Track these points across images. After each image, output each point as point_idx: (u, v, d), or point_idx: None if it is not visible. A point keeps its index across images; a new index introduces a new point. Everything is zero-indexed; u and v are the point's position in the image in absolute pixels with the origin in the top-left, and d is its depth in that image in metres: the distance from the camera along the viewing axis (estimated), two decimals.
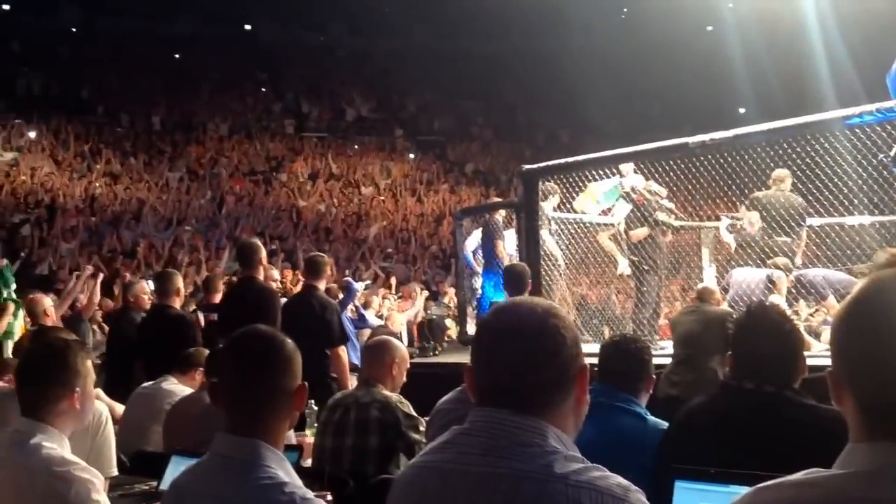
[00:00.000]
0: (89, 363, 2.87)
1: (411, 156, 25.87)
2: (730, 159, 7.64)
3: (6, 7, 27.68)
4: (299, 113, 27.13)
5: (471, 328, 9.87)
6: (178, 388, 5.20)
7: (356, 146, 25.82)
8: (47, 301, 7.70)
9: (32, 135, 21.09)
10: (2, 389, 3.53)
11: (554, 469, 1.59)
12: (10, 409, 3.27)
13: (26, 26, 26.77)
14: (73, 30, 28.32)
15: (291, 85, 28.06)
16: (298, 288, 8.88)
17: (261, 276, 6.79)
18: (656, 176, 8.38)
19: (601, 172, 8.66)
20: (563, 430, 1.68)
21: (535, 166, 8.86)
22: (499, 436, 1.65)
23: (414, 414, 4.41)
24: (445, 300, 13.65)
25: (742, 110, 21.05)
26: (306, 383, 2.17)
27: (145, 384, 5.54)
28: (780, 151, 7.36)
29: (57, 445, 2.70)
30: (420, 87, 28.31)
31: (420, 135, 27.36)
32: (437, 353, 9.91)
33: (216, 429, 2.16)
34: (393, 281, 14.78)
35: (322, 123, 26.96)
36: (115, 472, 3.54)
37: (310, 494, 2.02)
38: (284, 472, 2.04)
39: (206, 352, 5.27)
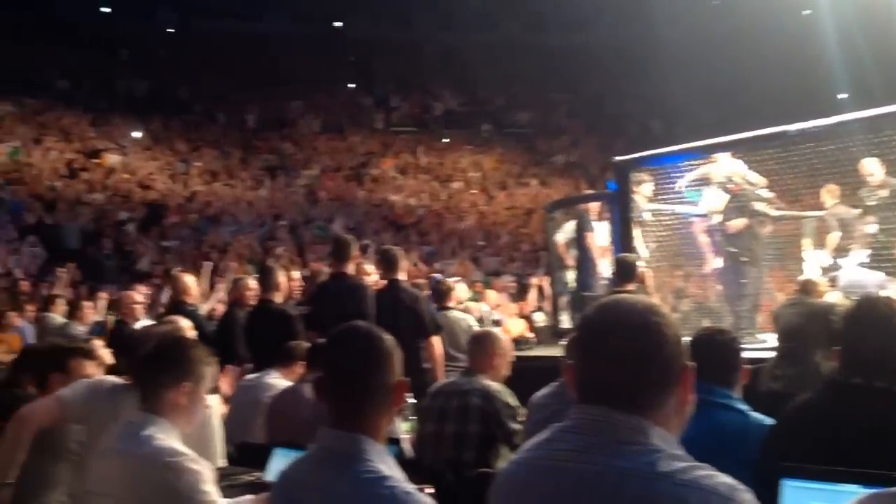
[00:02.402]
0: (206, 366, 2.94)
1: (500, 149, 25.84)
2: (832, 147, 7.42)
3: (107, 10, 28.65)
4: (389, 108, 27.37)
5: (563, 321, 9.82)
6: (279, 381, 5.31)
7: (445, 140, 25.92)
8: (136, 296, 7.96)
9: (135, 135, 21.80)
10: (116, 383, 3.66)
11: (658, 467, 1.58)
12: (123, 402, 3.40)
13: (126, 30, 27.70)
14: (171, 31, 29.16)
15: (381, 81, 28.31)
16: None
17: (353, 271, 6.88)
18: (755, 165, 8.19)
19: (695, 162, 8.51)
20: (666, 428, 1.67)
21: (627, 157, 8.76)
22: (600, 433, 1.65)
23: (515, 403, 4.46)
24: (534, 293, 13.59)
25: (842, 96, 20.38)
26: (407, 379, 2.21)
27: (248, 377, 5.69)
28: (885, 139, 7.12)
29: (168, 437, 2.80)
30: (508, 80, 28.22)
31: (508, 128, 27.30)
32: (529, 345, 9.89)
33: (316, 421, 2.21)
34: (495, 291, 14.68)
35: (411, 118, 27.15)
36: (221, 462, 3.64)
37: (411, 488, 2.05)
38: (386, 465, 2.07)
39: (307, 345, 5.37)
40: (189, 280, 7.52)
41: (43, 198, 16.60)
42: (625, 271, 6.76)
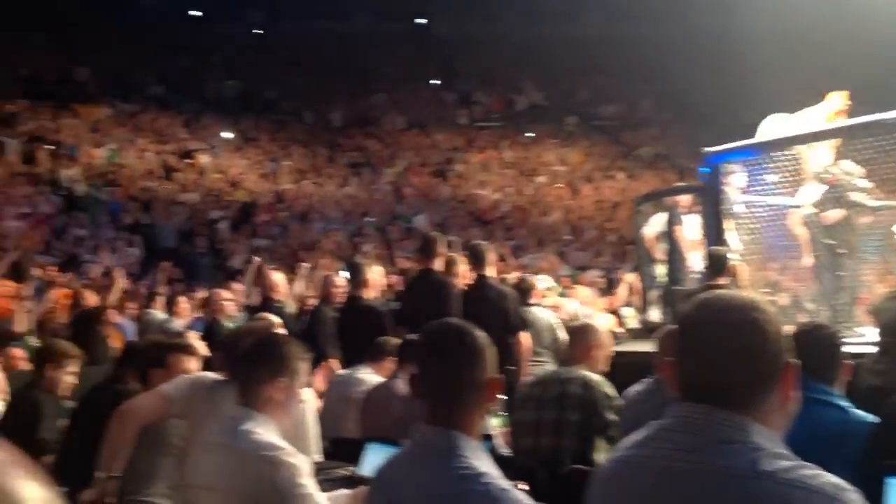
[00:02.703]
0: (300, 362, 3.01)
1: (585, 142, 25.62)
2: None
3: (197, 14, 29.40)
4: (472, 104, 27.40)
5: (653, 315, 9.69)
6: (370, 376, 5.38)
7: (529, 134, 25.82)
8: (227, 294, 8.15)
9: (225, 135, 22.32)
10: (215, 379, 3.76)
11: (760, 466, 1.55)
12: (222, 397, 3.49)
13: (216, 33, 28.40)
14: (259, 33, 29.77)
15: (464, 76, 28.36)
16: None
17: (439, 268, 6.91)
18: (852, 154, 7.93)
19: (790, 153, 8.28)
20: (769, 426, 1.64)
21: (718, 148, 8.58)
22: (702, 432, 1.63)
23: (614, 394, 4.46)
24: (623, 288, 13.44)
25: None
26: (501, 376, 2.22)
27: (340, 372, 5.77)
28: None
29: (266, 431, 2.86)
30: (592, 72, 27.96)
31: (593, 121, 27.05)
32: (619, 341, 9.78)
33: (408, 416, 2.22)
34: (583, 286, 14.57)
35: (495, 113, 27.12)
36: (317, 457, 3.71)
37: (507, 485, 2.05)
38: (481, 462, 2.08)
39: (397, 341, 5.43)
40: (277, 277, 7.67)
41: (139, 198, 17.11)
42: (717, 265, 6.68)
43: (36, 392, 4.86)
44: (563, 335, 7.24)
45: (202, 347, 5.28)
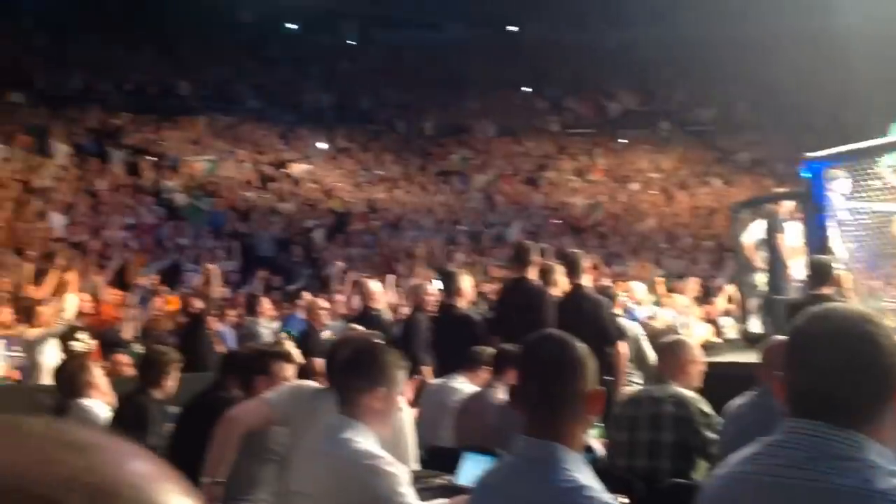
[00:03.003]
0: (399, 371, 3.04)
1: (680, 148, 25.22)
2: None
3: (294, 26, 30.05)
4: (564, 110, 27.26)
5: (753, 325, 9.47)
6: (464, 385, 5.39)
7: (622, 141, 25.56)
8: (323, 302, 8.27)
9: (320, 146, 22.72)
10: (315, 387, 3.83)
11: (875, 485, 1.51)
12: (322, 405, 3.55)
13: (311, 46, 28.98)
14: (352, 45, 30.25)
15: (556, 83, 28.24)
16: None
17: (533, 276, 6.88)
18: None
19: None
20: (883, 443, 1.59)
21: (820, 153, 8.33)
22: (814, 448, 1.59)
23: (710, 412, 4.33)
24: (722, 297, 13.17)
25: None
26: (603, 388, 2.20)
27: (434, 381, 5.80)
28: None
29: (365, 440, 2.90)
30: (686, 76, 27.51)
31: (688, 125, 26.60)
32: (717, 351, 9.58)
33: (503, 425, 2.22)
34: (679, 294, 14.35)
35: (587, 120, 26.94)
36: (415, 466, 3.74)
37: (609, 498, 2.04)
38: (583, 475, 2.07)
39: (492, 350, 5.43)
40: (375, 286, 7.76)
41: (237, 208, 17.54)
42: (820, 274, 6.49)
43: (142, 398, 5.02)
44: (647, 346, 7.12)
45: (298, 355, 5.39)
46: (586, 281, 6.96)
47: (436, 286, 8.07)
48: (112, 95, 22.41)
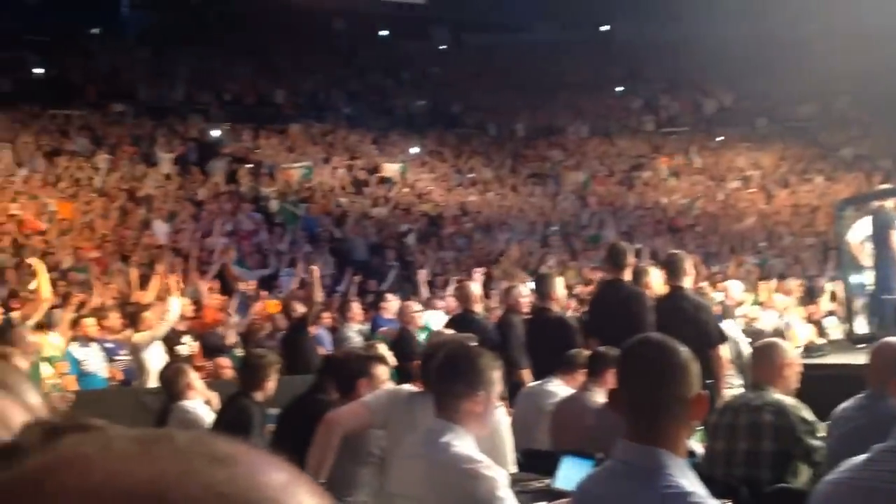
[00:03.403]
0: (496, 373, 3.03)
1: (779, 145, 24.56)
2: None
3: (385, 33, 30.41)
4: (658, 109, 26.89)
5: (859, 326, 9.15)
6: (561, 388, 5.36)
7: (719, 139, 25.04)
8: (416, 305, 8.33)
9: (413, 150, 22.91)
10: (412, 391, 3.85)
11: None
12: (419, 408, 3.57)
13: (403, 51, 29.29)
14: (443, 49, 30.42)
15: (649, 81, 27.87)
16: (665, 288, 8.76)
17: (629, 278, 6.78)
18: None
19: None
20: None
21: None
22: None
23: (811, 418, 4.17)
24: (826, 297, 12.77)
25: None
26: (707, 392, 2.15)
27: (530, 384, 5.78)
28: None
29: (464, 444, 2.90)
30: (784, 71, 26.76)
31: (787, 121, 25.90)
32: (821, 353, 9.28)
33: (600, 429, 2.18)
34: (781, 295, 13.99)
35: (682, 118, 26.51)
36: (513, 469, 3.73)
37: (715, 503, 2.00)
38: (688, 480, 2.03)
39: (588, 353, 5.38)
40: (474, 289, 7.76)
41: (332, 213, 17.80)
42: None
43: (244, 400, 5.13)
44: (746, 349, 6.93)
45: (390, 356, 5.44)
46: (688, 283, 6.80)
47: (528, 289, 8.03)
48: (211, 106, 23.05)
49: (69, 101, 21.38)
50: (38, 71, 23.49)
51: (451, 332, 6.01)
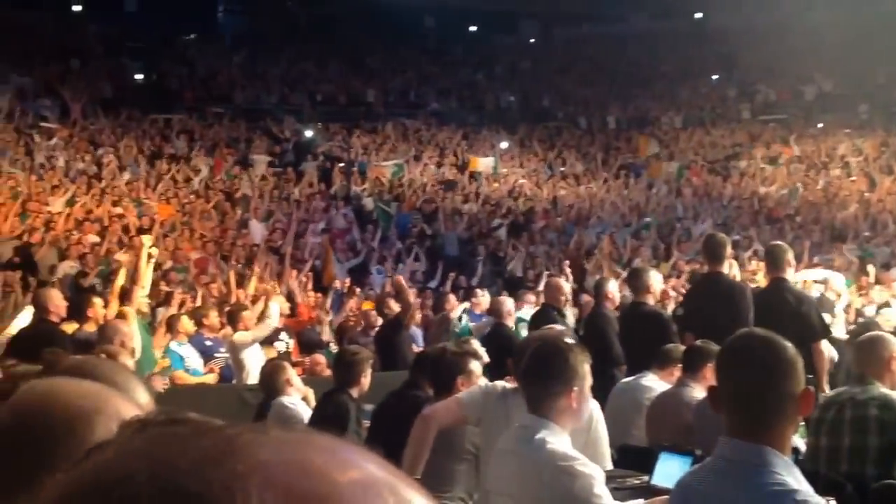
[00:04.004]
0: (587, 366, 3.00)
1: (882, 131, 23.67)
2: None
3: (474, 29, 30.44)
4: (755, 97, 26.25)
5: None
6: (656, 383, 5.27)
7: (819, 126, 24.30)
8: (508, 301, 8.33)
9: (503, 145, 22.87)
10: (505, 387, 3.84)
11: None
12: (512, 405, 3.56)
13: (491, 47, 29.27)
14: (533, 43, 30.28)
15: (745, 69, 27.22)
16: (763, 280, 8.54)
17: (728, 271, 6.62)
18: None
19: None
20: None
21: None
22: None
23: None
24: None
25: None
26: (812, 388, 2.09)
27: (625, 379, 5.71)
28: None
29: (559, 440, 2.87)
30: (886, 55, 25.76)
31: (891, 107, 24.93)
32: None
33: (697, 424, 2.13)
34: (871, 269, 13.56)
35: (780, 105, 25.83)
36: (609, 466, 3.68)
37: (820, 501, 1.95)
38: (794, 478, 2.00)
39: (685, 348, 5.28)
40: (561, 284, 7.71)
41: (423, 210, 17.91)
42: None
43: (341, 396, 5.20)
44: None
45: (482, 352, 5.44)
46: (790, 274, 6.60)
47: (618, 283, 7.94)
48: (304, 107, 23.46)
49: (168, 106, 22.05)
50: (139, 77, 24.29)
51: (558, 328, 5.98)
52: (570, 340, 3.33)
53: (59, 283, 10.47)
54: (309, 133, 21.91)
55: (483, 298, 10.65)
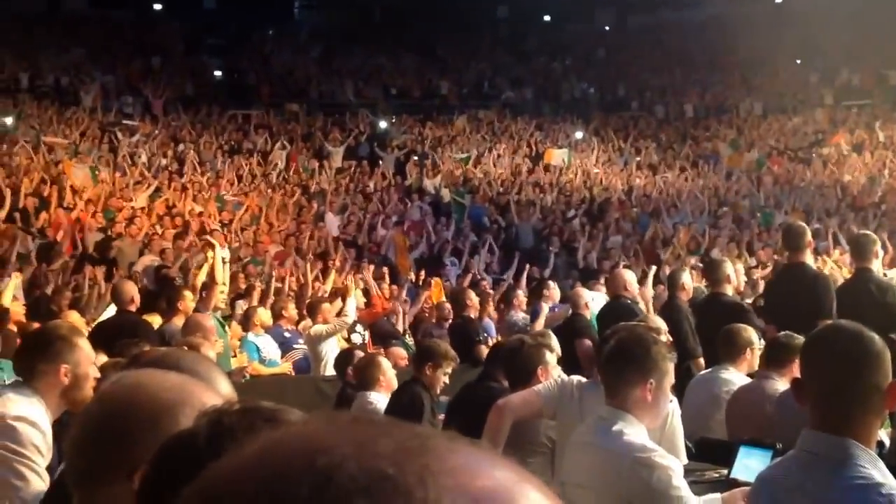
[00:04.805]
0: (670, 364, 2.95)
1: None
2: None
3: (547, 18, 30.22)
4: (838, 82, 25.54)
5: None
6: (735, 376, 5.18)
7: None
8: (584, 291, 8.26)
9: (578, 135, 22.70)
10: (581, 380, 3.83)
11: None
12: (588, 398, 3.54)
13: (566, 35, 29.03)
14: (608, 31, 29.95)
15: (828, 53, 26.48)
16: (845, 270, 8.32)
17: (809, 261, 6.45)
18: None
19: None
20: None
21: None
22: None
23: None
24: None
25: None
26: None
27: (703, 372, 5.62)
28: None
29: (637, 433, 2.84)
30: None
31: None
32: None
33: (779, 418, 2.09)
34: None
35: (864, 90, 25.07)
36: (685, 459, 3.64)
37: None
38: (879, 472, 1.97)
39: (751, 334, 5.18)
40: (628, 275, 7.61)
41: (497, 201, 17.89)
42: None
43: (417, 388, 5.24)
44: None
45: (557, 346, 5.41)
46: (876, 265, 6.40)
47: (691, 273, 7.80)
48: (379, 100, 23.64)
49: (246, 101, 22.45)
50: (217, 73, 24.78)
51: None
52: (658, 335, 3.26)
53: (140, 276, 10.73)
54: (383, 126, 22.08)
55: (554, 290, 10.62)
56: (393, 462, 0.56)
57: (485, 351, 8.38)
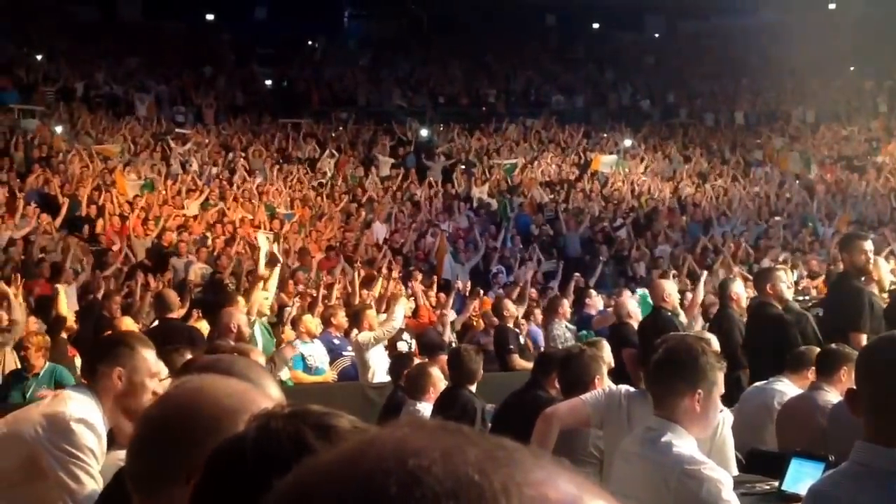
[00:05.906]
0: (720, 374, 2.91)
1: None
2: None
3: (596, 25, 30.11)
4: (892, 89, 25.07)
5: None
6: (789, 387, 5.11)
7: None
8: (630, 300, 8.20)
9: (626, 143, 22.54)
10: (629, 390, 3.81)
11: None
12: (635, 408, 3.51)
13: (615, 42, 28.88)
14: (657, 38, 29.73)
15: (882, 60, 25.97)
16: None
17: (865, 271, 6.33)
18: None
19: None
20: None
21: None
22: None
23: None
24: None
25: None
26: None
27: (757, 383, 5.55)
28: None
29: (686, 444, 2.81)
30: None
31: None
32: None
33: (832, 430, 2.06)
34: None
35: None
36: (735, 471, 3.59)
37: None
38: None
39: (817, 350, 5.10)
40: (668, 286, 7.53)
41: (545, 210, 17.82)
42: None
43: (465, 394, 5.25)
44: None
45: (610, 356, 5.37)
46: None
47: (742, 283, 7.71)
48: (427, 108, 23.71)
49: (296, 110, 22.65)
50: (268, 83, 25.05)
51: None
52: (701, 344, 3.22)
53: (191, 283, 10.88)
54: (430, 134, 22.15)
55: (596, 299, 10.57)
56: (479, 469, 0.60)
57: (517, 360, 8.42)
